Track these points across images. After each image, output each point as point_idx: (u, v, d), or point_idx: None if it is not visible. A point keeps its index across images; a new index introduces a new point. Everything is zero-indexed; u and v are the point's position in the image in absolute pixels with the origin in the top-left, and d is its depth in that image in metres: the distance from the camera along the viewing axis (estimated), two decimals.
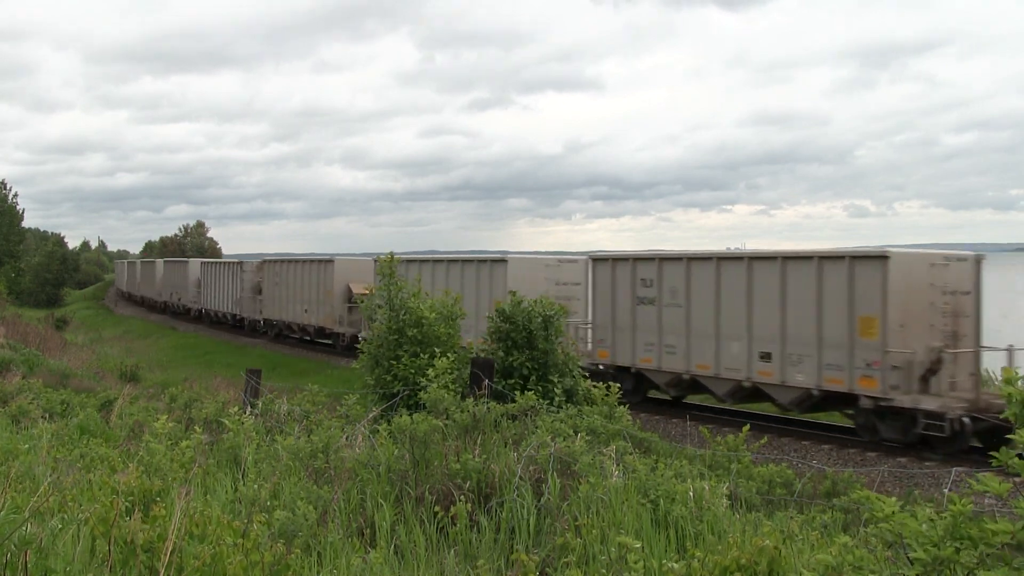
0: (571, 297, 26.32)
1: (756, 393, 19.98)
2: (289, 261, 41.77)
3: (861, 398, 17.68)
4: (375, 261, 31.40)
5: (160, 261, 68.75)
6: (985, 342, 18.54)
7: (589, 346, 24.01)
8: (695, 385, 21.44)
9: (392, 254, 11.93)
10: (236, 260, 49.12)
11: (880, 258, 17.74)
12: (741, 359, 19.89)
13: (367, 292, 12.56)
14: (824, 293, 18.36)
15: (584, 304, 26.31)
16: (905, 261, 17.97)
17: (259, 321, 44.07)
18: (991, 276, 20.42)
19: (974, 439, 17.03)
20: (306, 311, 38.62)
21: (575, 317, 25.05)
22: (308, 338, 39.05)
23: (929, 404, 16.79)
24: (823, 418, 20.61)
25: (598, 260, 24.17)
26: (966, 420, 16.42)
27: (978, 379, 18.08)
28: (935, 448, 16.81)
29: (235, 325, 48.08)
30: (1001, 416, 3.25)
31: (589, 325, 24.58)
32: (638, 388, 22.66)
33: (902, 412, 17.11)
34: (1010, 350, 16.95)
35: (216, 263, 53.33)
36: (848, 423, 19.36)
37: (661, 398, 23.30)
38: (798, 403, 19.10)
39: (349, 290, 35.53)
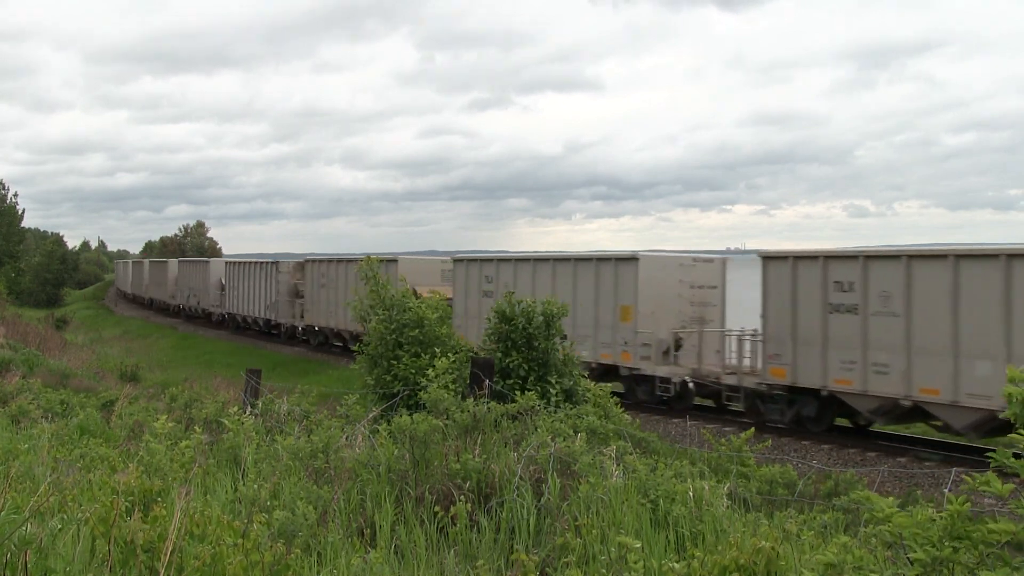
0: (706, 303, 23.84)
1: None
2: (337, 260, 36.89)
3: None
4: (453, 261, 29.88)
5: (174, 261, 64.25)
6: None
7: (746, 361, 21.07)
8: (915, 413, 17.72)
9: (386, 255, 11.93)
10: (271, 260, 44.24)
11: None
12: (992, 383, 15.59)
13: (434, 295, 11.89)
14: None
15: (720, 311, 24.21)
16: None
17: (298, 327, 40.09)
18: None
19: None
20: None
21: (710, 326, 23.41)
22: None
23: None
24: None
25: (772, 258, 20.06)
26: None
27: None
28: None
29: (267, 332, 43.95)
30: (1004, 414, 3.25)
31: (751, 336, 21.18)
32: (824, 414, 19.04)
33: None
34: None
35: (246, 263, 47.20)
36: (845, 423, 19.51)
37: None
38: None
39: (415, 294, 31.78)
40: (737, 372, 21.08)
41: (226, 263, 51.86)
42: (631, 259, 23.50)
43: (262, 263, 44.99)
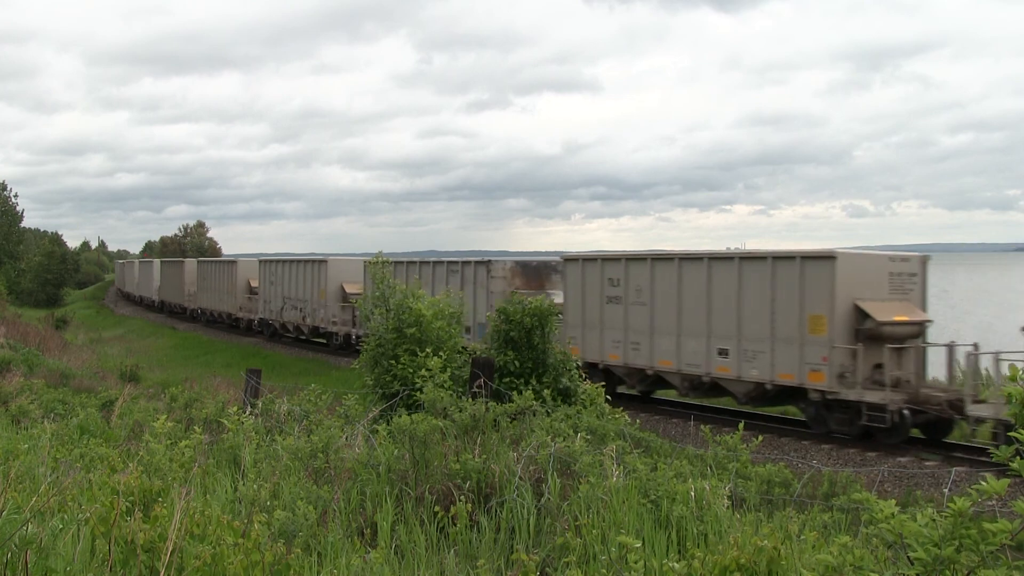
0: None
1: None
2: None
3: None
4: (564, 261, 24.98)
5: (192, 261, 57.86)
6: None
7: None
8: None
9: (380, 254, 11.97)
10: (318, 258, 38.24)
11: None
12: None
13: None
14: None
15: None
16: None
17: (353, 336, 33.86)
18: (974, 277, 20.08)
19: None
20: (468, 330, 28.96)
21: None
22: None
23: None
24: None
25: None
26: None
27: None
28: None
29: (313, 341, 38.52)
30: (1005, 414, 3.24)
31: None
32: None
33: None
34: None
35: (288, 262, 40.57)
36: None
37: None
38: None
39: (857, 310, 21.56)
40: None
41: (260, 262, 44.33)
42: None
43: (309, 261, 38.45)
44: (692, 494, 5.32)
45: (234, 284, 47.14)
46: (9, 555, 3.35)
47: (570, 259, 24.83)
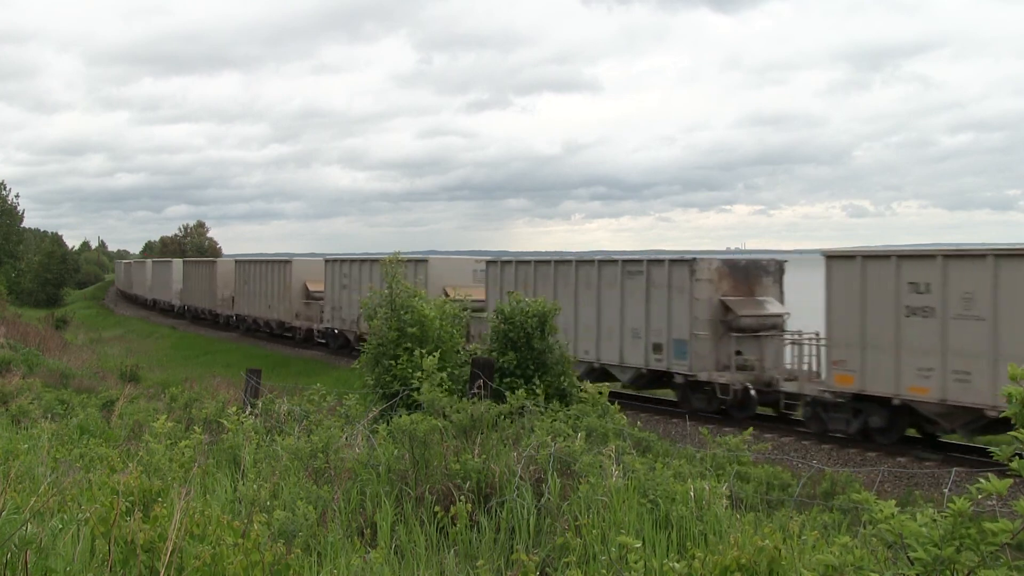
0: None
1: None
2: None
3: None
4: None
5: (226, 260, 52.36)
6: None
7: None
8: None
9: (397, 253, 11.95)
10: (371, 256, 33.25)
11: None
12: None
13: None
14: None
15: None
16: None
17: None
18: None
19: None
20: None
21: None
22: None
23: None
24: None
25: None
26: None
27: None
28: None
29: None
30: (1002, 415, 3.24)
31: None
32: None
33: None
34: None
35: (356, 260, 34.67)
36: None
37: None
38: None
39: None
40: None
41: (326, 262, 37.04)
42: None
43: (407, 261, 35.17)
44: (692, 494, 5.32)
45: (287, 287, 40.28)
46: (9, 555, 3.35)
47: (837, 256, 18.44)
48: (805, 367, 20.05)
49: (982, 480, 3.13)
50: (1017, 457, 3.13)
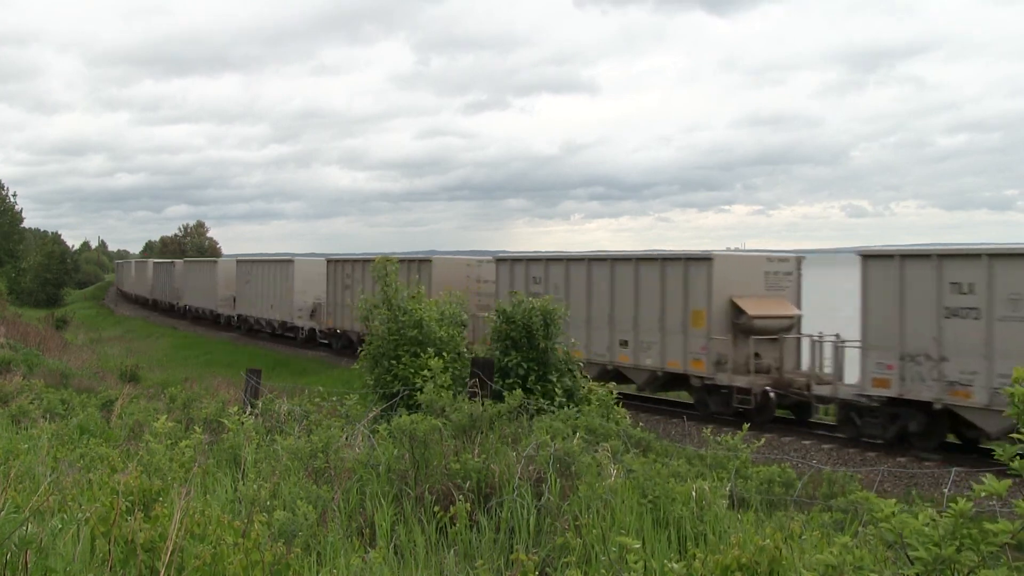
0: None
1: None
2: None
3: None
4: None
5: (227, 261, 49.87)
6: None
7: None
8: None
9: (386, 256, 11.94)
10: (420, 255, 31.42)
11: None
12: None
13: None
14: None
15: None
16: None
17: None
18: None
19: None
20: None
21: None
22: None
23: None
24: (823, 418, 20.57)
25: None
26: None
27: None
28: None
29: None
30: (1006, 414, 3.24)
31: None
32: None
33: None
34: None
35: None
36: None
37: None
38: None
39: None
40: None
41: (327, 261, 33.91)
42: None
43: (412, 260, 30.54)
44: (693, 494, 5.32)
45: (287, 287, 38.43)
46: (9, 555, 3.35)
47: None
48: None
49: (982, 480, 3.13)
50: (1017, 457, 3.13)
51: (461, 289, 23.58)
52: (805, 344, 20.99)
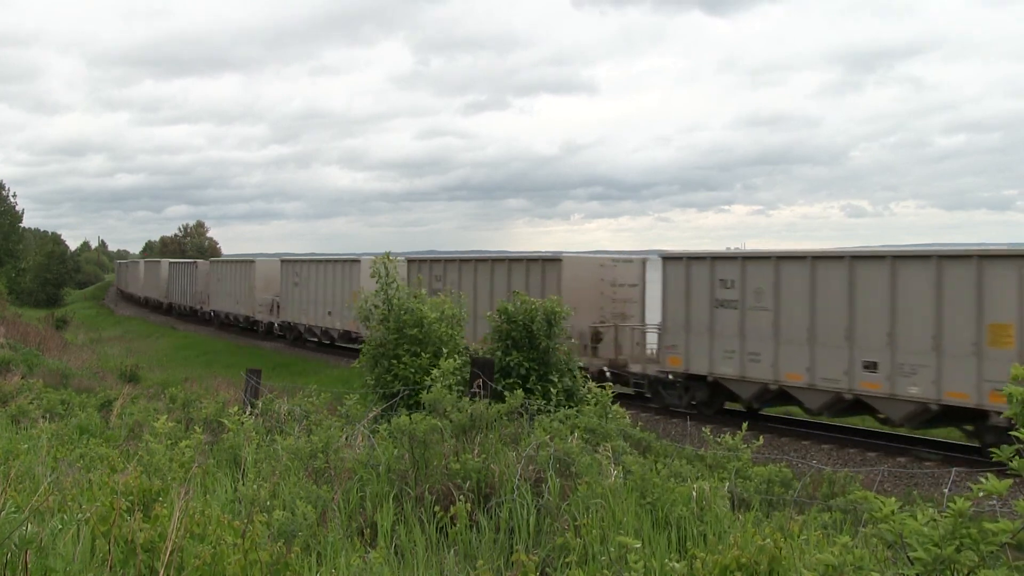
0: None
1: None
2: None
3: None
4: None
5: (264, 261, 43.70)
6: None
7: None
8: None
9: (388, 254, 11.91)
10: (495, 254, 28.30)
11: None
12: None
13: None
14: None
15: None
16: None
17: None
18: None
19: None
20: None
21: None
22: None
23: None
24: (823, 418, 20.63)
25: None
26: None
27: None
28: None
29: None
30: (1005, 414, 3.24)
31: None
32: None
33: None
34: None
35: (474, 259, 28.26)
36: (842, 422, 19.57)
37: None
38: None
39: None
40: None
41: (407, 261, 30.30)
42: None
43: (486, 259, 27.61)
44: (694, 494, 5.31)
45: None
46: (8, 555, 3.35)
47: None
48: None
49: (982, 480, 3.13)
50: (1017, 457, 3.13)
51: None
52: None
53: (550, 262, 25.22)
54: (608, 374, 23.29)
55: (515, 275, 25.91)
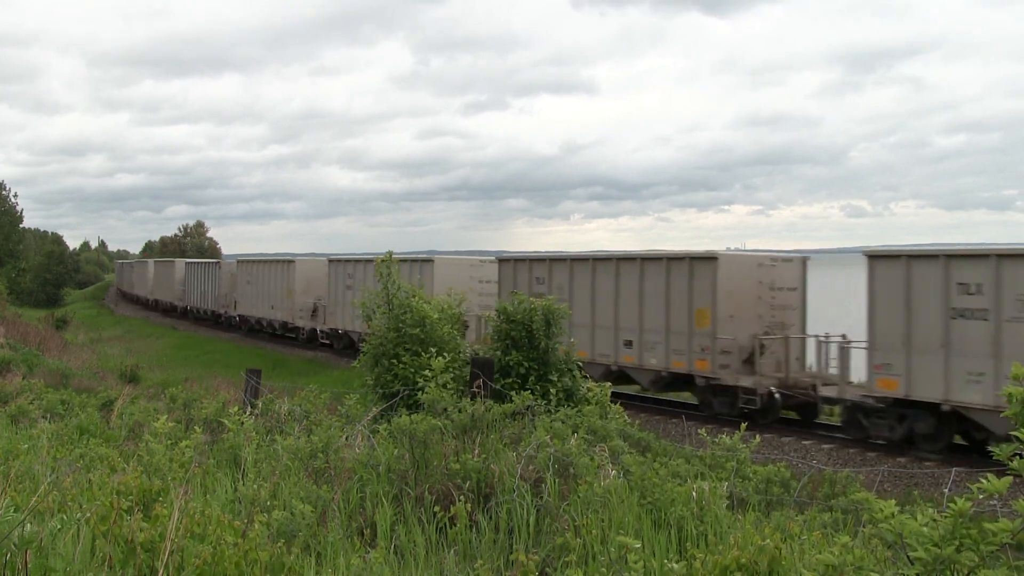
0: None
1: None
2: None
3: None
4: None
5: (302, 262, 40.15)
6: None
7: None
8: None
9: (391, 253, 11.91)
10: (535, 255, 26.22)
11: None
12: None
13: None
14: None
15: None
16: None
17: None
18: None
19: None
20: None
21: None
22: None
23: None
24: (823, 418, 20.62)
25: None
26: (776, 395, 19.91)
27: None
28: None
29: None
30: (1004, 414, 3.24)
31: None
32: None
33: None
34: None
35: (527, 260, 25.98)
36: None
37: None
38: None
39: None
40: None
41: (499, 261, 27.48)
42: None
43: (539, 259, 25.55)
44: (694, 494, 5.31)
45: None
46: (8, 555, 3.35)
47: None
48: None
49: (982, 480, 3.13)
50: (1017, 457, 3.13)
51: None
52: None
53: (701, 261, 21.18)
54: (777, 396, 19.82)
55: (650, 277, 22.00)
